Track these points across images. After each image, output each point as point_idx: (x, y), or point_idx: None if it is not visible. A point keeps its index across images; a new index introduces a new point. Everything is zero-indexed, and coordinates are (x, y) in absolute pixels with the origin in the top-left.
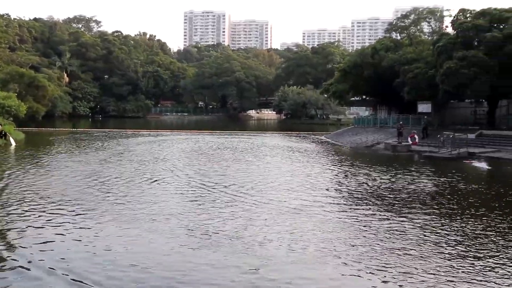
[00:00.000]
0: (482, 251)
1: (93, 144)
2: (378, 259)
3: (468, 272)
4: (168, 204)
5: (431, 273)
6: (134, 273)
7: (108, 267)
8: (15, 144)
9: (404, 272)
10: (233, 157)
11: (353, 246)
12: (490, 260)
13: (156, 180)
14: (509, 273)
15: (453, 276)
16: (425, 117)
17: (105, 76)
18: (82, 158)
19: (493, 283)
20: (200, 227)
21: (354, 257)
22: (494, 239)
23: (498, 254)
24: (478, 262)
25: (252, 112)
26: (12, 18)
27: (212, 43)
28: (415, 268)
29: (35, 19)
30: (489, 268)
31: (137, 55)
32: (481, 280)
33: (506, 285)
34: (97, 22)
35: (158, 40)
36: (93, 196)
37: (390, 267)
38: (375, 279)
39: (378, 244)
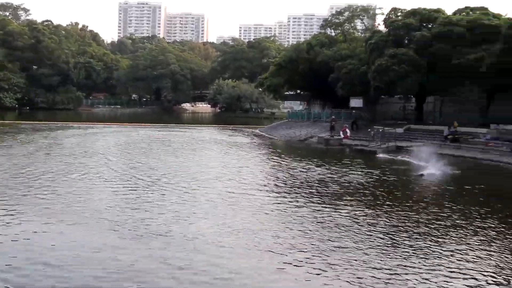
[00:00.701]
0: (407, 239)
1: (18, 137)
2: (305, 251)
3: (394, 258)
4: (96, 199)
5: (357, 263)
6: (55, 271)
7: (25, 265)
8: None
9: (331, 264)
10: (166, 151)
11: (281, 238)
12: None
13: (85, 174)
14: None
15: (379, 263)
16: (354, 111)
17: (34, 67)
18: (6, 152)
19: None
20: (129, 222)
21: (283, 249)
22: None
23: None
24: (408, 250)
25: (186, 105)
26: None
27: (147, 35)
28: (342, 259)
29: None
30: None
31: (68, 46)
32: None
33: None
34: (25, 10)
35: (91, 31)
36: (17, 191)
37: (317, 259)
38: (301, 271)
39: (308, 235)
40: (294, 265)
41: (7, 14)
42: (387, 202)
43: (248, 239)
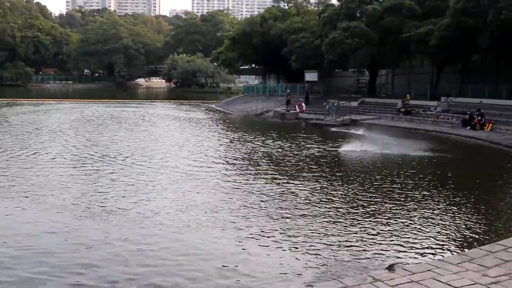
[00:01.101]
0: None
1: None
2: (261, 225)
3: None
4: (48, 177)
5: (311, 233)
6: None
7: None
8: None
9: (289, 235)
10: (121, 127)
11: (239, 213)
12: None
13: (36, 152)
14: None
15: (331, 234)
16: (306, 85)
17: None
18: None
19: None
20: (83, 200)
21: (242, 224)
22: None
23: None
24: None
25: (141, 81)
26: None
27: (97, 8)
28: (300, 231)
29: None
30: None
31: (13, 19)
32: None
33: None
34: None
35: (37, 3)
36: None
37: (275, 232)
38: (259, 245)
39: (266, 209)
40: (254, 239)
41: None
42: (340, 174)
43: (205, 215)
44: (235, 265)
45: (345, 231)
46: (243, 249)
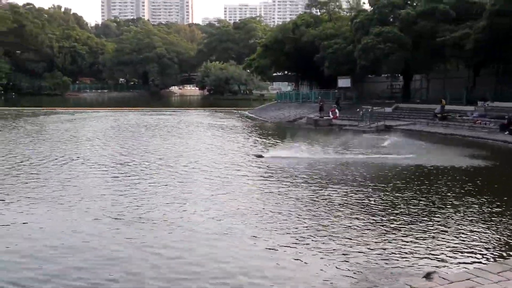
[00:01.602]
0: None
1: (4, 123)
2: (295, 232)
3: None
4: (84, 184)
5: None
6: (34, 262)
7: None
8: None
9: (324, 243)
10: (154, 135)
11: (271, 219)
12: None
13: (73, 160)
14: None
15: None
16: (337, 91)
17: (17, 52)
18: None
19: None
20: (117, 207)
21: (275, 231)
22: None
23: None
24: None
25: (174, 89)
26: None
27: (132, 17)
28: (334, 240)
29: None
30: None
31: (52, 30)
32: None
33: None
34: None
35: (74, 14)
36: (4, 176)
37: (308, 240)
38: (288, 252)
39: (299, 216)
40: (289, 247)
41: None
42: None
43: (240, 222)
44: (269, 273)
45: (382, 238)
46: (278, 257)
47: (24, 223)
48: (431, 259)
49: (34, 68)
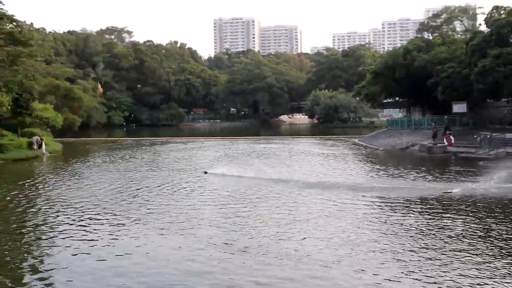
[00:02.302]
0: None
1: (125, 153)
2: (404, 264)
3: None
4: (202, 213)
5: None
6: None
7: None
8: (48, 154)
9: (432, 276)
10: (267, 163)
11: (381, 249)
12: None
13: (183, 187)
14: None
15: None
16: (445, 117)
17: (138, 86)
18: (114, 167)
19: None
20: (234, 235)
21: (385, 262)
22: None
23: None
24: None
25: (284, 117)
26: (47, 32)
27: (242, 49)
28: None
29: (69, 32)
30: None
31: (168, 64)
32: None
33: None
34: (129, 33)
35: (189, 48)
36: (127, 205)
37: (417, 274)
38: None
39: (409, 247)
40: (395, 281)
41: (113, 37)
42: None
43: (349, 250)
44: None
45: (501, 274)
46: None
47: (139, 246)
48: None
49: (153, 101)
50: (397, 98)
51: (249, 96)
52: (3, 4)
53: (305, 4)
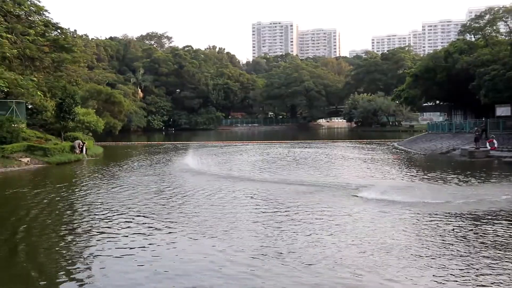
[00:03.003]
0: None
1: (164, 157)
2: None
3: None
4: (239, 217)
5: None
6: None
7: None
8: (86, 157)
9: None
10: (303, 167)
11: (418, 255)
12: None
13: (219, 192)
14: None
15: None
16: (483, 119)
17: (177, 90)
18: (153, 172)
19: None
20: (269, 241)
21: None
22: None
23: None
24: None
25: (322, 121)
26: (90, 38)
27: (281, 53)
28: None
29: (110, 38)
30: None
31: (207, 69)
32: None
33: None
34: (169, 38)
35: (227, 53)
36: (168, 210)
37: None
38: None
39: (454, 253)
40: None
41: (153, 42)
42: None
43: (386, 255)
44: None
45: None
46: None
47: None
48: None
49: (191, 105)
50: (437, 102)
51: (287, 100)
52: (49, 13)
53: (344, 7)
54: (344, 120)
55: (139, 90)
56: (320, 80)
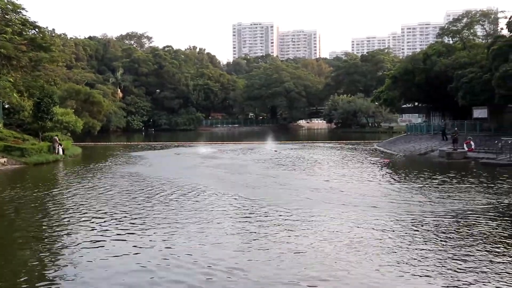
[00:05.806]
0: None
1: (141, 156)
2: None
3: None
4: (222, 216)
5: None
6: None
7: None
8: (64, 157)
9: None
10: (280, 168)
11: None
12: None
13: (203, 193)
14: None
15: None
16: (443, 121)
17: (157, 90)
18: (131, 170)
19: None
20: (255, 236)
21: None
22: None
23: None
24: None
25: (302, 122)
26: (68, 38)
27: (261, 54)
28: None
29: (89, 38)
30: None
31: (187, 69)
32: None
33: None
34: (149, 38)
35: (208, 53)
36: (142, 208)
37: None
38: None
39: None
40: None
41: (132, 42)
42: None
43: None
44: None
45: None
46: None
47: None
48: None
49: (171, 105)
50: (416, 103)
51: (267, 101)
52: (26, 11)
53: (324, 9)
54: (324, 121)
55: (119, 90)
56: (300, 81)
